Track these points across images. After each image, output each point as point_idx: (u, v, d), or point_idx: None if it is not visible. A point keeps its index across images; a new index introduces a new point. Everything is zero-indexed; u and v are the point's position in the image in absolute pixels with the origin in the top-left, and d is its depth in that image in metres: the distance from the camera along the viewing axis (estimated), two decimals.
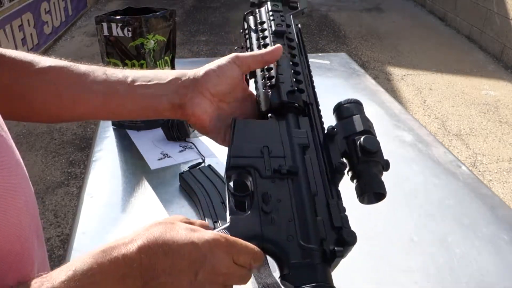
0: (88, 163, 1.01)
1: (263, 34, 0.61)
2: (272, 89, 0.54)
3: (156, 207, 0.86)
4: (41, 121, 0.65)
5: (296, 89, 0.54)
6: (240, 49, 0.65)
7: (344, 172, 0.48)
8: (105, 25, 0.99)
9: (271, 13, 0.64)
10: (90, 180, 0.94)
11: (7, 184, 0.45)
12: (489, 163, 2.76)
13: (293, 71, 0.57)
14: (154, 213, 0.85)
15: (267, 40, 0.60)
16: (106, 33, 1.00)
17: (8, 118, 0.55)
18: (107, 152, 1.03)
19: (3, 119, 0.49)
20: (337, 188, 0.49)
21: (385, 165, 0.48)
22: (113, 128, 1.12)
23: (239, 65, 0.55)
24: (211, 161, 0.99)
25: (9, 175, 0.47)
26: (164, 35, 1.04)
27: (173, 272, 0.38)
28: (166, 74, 0.57)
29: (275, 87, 0.54)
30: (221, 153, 1.01)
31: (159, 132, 1.10)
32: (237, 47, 0.67)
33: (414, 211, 0.89)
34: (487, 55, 4.37)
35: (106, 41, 1.01)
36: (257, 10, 0.66)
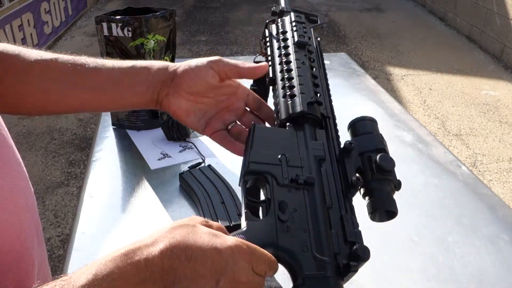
0: (88, 163, 1.01)
1: (285, 43, 0.62)
2: (292, 99, 0.55)
3: (156, 207, 0.86)
4: (28, 114, 0.66)
5: (315, 101, 0.54)
6: (261, 56, 0.68)
7: (359, 187, 0.48)
8: (105, 25, 0.99)
9: (294, 24, 0.65)
10: (90, 180, 0.94)
11: (7, 183, 0.46)
12: (489, 163, 2.76)
13: (312, 83, 0.57)
14: (154, 213, 0.85)
15: (289, 49, 0.61)
16: (106, 33, 1.00)
17: None
18: (107, 152, 1.03)
19: None
20: (351, 203, 0.49)
21: (397, 185, 0.49)
22: (113, 128, 1.12)
23: (217, 71, 0.57)
24: (211, 161, 0.99)
25: (9, 174, 0.47)
26: (164, 35, 1.04)
27: (195, 278, 0.37)
28: (148, 69, 0.58)
29: (295, 97, 0.55)
30: (221, 153, 1.01)
31: (159, 132, 1.10)
32: (258, 54, 0.69)
33: (414, 211, 0.89)
34: (487, 55, 4.37)
35: (106, 41, 1.01)
36: (279, 19, 0.67)
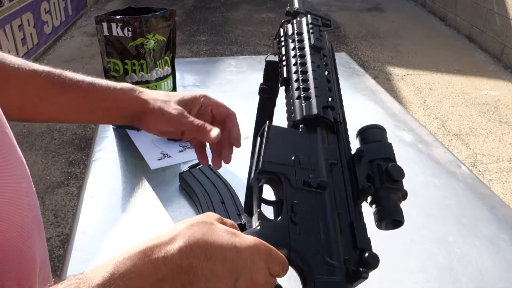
0: (88, 163, 1.01)
1: (301, 44, 0.62)
2: (307, 101, 0.54)
3: (156, 207, 0.86)
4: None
5: (329, 105, 0.54)
6: (273, 55, 0.68)
7: (369, 194, 0.48)
8: (105, 25, 0.99)
9: (311, 26, 0.65)
10: (90, 180, 0.94)
11: (10, 181, 0.46)
12: (489, 163, 2.76)
13: (326, 87, 0.57)
14: (154, 213, 0.85)
15: (305, 51, 0.61)
16: (106, 33, 1.00)
17: None
18: (107, 152, 1.03)
19: None
20: (361, 209, 0.49)
21: (404, 195, 0.49)
22: (113, 128, 1.12)
23: (182, 128, 0.64)
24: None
25: (12, 172, 0.47)
26: (164, 35, 1.04)
27: (213, 277, 0.37)
28: (126, 101, 0.66)
29: (311, 100, 0.54)
30: None
31: None
32: (270, 53, 0.69)
33: (414, 211, 0.88)
34: (487, 55, 4.37)
35: (106, 41, 1.00)
36: (295, 20, 0.67)
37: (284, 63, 0.62)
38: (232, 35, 4.81)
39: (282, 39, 0.66)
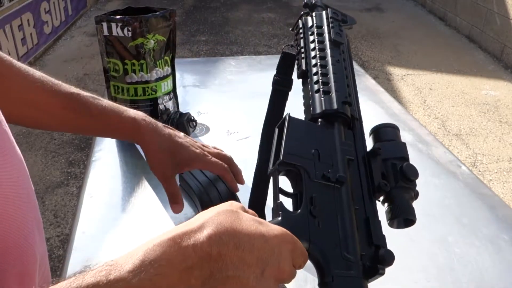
0: (88, 163, 1.01)
1: (321, 38, 0.61)
2: (327, 95, 0.54)
3: (156, 207, 0.86)
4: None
5: (348, 101, 0.54)
6: (289, 47, 0.67)
7: (385, 192, 0.48)
8: (105, 25, 0.99)
9: (331, 20, 0.64)
10: (90, 180, 0.94)
11: (10, 177, 0.46)
12: (489, 163, 2.76)
13: (346, 83, 0.57)
14: (154, 213, 0.85)
15: (325, 45, 0.60)
16: (106, 33, 0.99)
17: None
18: (107, 152, 1.03)
19: None
20: (375, 206, 0.49)
21: (416, 195, 0.49)
22: None
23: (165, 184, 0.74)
24: None
25: (11, 169, 0.47)
26: (164, 35, 1.04)
27: (241, 266, 0.36)
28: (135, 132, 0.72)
29: (331, 94, 0.54)
30: None
31: None
32: (287, 45, 0.67)
33: None
34: (487, 55, 4.37)
35: (106, 41, 1.00)
36: (314, 13, 0.66)
37: (303, 55, 0.61)
38: (232, 35, 4.81)
39: (300, 31, 0.65)
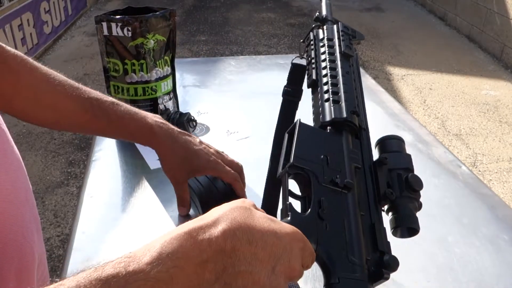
0: (88, 163, 1.01)
1: (332, 50, 0.64)
2: (336, 104, 0.56)
3: (156, 207, 0.86)
4: (18, 117, 0.71)
5: (356, 111, 0.56)
6: (300, 58, 0.71)
7: (390, 200, 0.50)
8: (104, 24, 0.99)
9: (342, 33, 0.67)
10: (90, 180, 0.94)
11: (8, 176, 0.46)
12: (489, 163, 2.76)
13: (354, 94, 0.59)
14: (154, 213, 0.85)
15: (336, 56, 0.63)
16: (105, 32, 0.99)
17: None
18: (107, 152, 1.03)
19: None
20: (381, 214, 0.50)
21: (420, 205, 0.51)
22: None
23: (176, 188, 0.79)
24: None
25: (10, 168, 0.47)
26: (164, 35, 1.04)
27: (253, 262, 0.37)
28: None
29: (340, 103, 0.56)
30: None
31: None
32: (297, 56, 0.72)
33: None
34: (487, 55, 4.37)
35: (106, 40, 1.00)
36: (326, 26, 0.69)
37: (313, 65, 0.64)
38: (232, 35, 4.81)
39: (311, 42, 0.68)
